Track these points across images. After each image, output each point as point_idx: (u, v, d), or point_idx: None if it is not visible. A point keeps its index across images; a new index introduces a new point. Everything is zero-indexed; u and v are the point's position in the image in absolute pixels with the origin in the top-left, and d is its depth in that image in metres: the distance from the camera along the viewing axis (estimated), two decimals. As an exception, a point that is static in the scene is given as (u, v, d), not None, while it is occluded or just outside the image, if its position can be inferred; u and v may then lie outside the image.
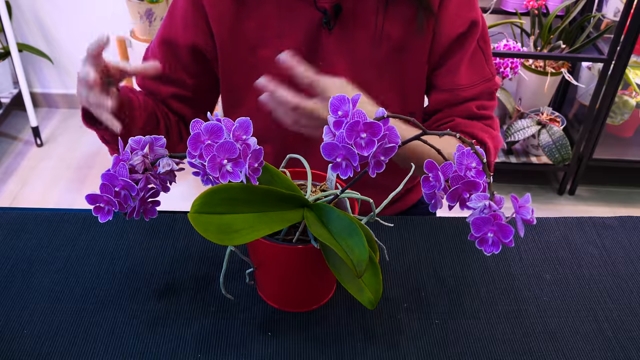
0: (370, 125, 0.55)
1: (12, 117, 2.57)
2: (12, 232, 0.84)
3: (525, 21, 2.16)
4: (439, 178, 0.58)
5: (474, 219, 0.55)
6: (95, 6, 2.38)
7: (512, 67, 2.03)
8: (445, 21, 0.88)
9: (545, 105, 2.24)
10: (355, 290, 0.63)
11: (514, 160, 2.21)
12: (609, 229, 0.90)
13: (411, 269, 0.81)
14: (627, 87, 2.15)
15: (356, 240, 0.60)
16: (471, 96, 0.93)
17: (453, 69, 0.92)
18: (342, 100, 0.56)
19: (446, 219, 0.90)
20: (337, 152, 0.56)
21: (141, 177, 0.61)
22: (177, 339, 0.70)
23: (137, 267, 0.79)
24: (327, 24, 0.86)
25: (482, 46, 0.93)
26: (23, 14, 2.41)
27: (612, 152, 2.24)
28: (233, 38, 0.90)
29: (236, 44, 0.90)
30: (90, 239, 0.83)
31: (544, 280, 0.81)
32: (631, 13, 1.82)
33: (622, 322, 0.75)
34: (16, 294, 0.75)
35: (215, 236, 0.57)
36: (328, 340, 0.70)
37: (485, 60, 0.94)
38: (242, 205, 0.60)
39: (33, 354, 0.67)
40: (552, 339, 0.72)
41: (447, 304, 0.76)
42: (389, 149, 0.57)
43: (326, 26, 0.86)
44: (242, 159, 0.56)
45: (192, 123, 0.57)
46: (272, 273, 0.72)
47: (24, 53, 2.47)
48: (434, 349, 0.70)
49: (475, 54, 0.93)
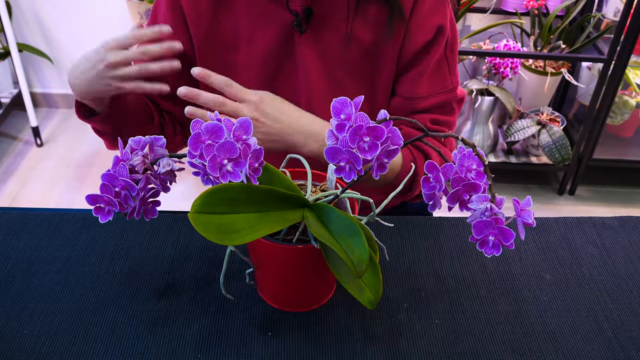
0: (374, 129, 0.55)
1: (12, 117, 2.57)
2: (12, 232, 0.84)
3: (525, 21, 2.16)
4: (439, 179, 0.58)
5: (476, 221, 0.55)
6: (95, 6, 2.38)
7: (512, 67, 2.03)
8: (416, 27, 0.87)
9: (545, 105, 2.24)
10: (355, 290, 0.63)
11: (514, 160, 2.21)
12: (609, 229, 0.90)
13: (411, 269, 0.81)
14: (627, 87, 2.15)
15: (356, 241, 0.60)
16: (427, 107, 0.92)
17: (416, 78, 0.91)
18: (344, 104, 0.56)
19: (446, 219, 0.90)
20: (341, 156, 0.56)
21: (141, 177, 0.61)
22: (177, 339, 0.70)
23: (137, 267, 0.79)
24: (299, 26, 0.86)
25: (449, 55, 0.92)
26: (23, 14, 2.41)
27: (612, 152, 2.24)
28: (210, 39, 0.90)
29: (212, 45, 0.90)
30: (90, 239, 0.83)
31: (544, 280, 0.81)
32: (631, 13, 1.82)
33: (622, 322, 0.75)
34: (16, 294, 0.75)
35: (215, 236, 0.57)
36: (328, 340, 0.70)
37: (449, 70, 0.92)
38: (242, 205, 0.60)
39: (33, 354, 0.67)
40: (552, 339, 0.72)
41: (447, 304, 0.76)
42: (392, 151, 0.57)
43: (297, 29, 0.86)
44: (242, 159, 0.56)
45: (192, 123, 0.57)
46: (272, 273, 0.72)
47: (24, 53, 2.47)
48: (434, 349, 0.70)
49: (440, 63, 0.91)
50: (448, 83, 0.92)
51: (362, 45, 0.89)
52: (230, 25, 0.89)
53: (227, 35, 0.89)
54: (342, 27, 0.87)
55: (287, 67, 0.90)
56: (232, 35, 0.89)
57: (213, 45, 0.90)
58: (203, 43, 0.90)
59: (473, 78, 2.12)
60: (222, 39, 0.90)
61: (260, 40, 0.88)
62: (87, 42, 2.50)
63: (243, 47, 0.90)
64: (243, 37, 0.89)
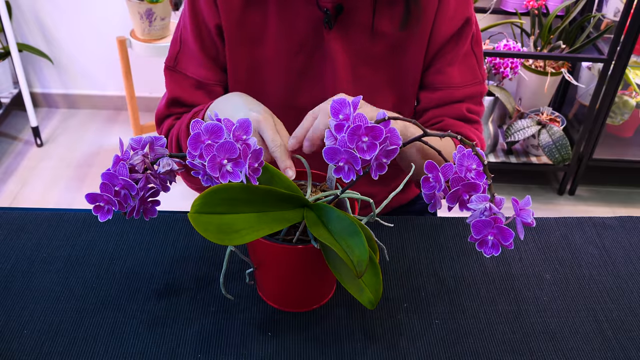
0: (372, 129, 0.55)
1: (12, 117, 2.57)
2: (12, 232, 0.84)
3: (525, 21, 2.16)
4: (439, 179, 0.58)
5: (474, 221, 0.55)
6: (95, 6, 2.38)
7: (512, 67, 2.03)
8: (443, 20, 0.89)
9: (545, 105, 2.24)
10: (356, 290, 0.63)
11: (514, 160, 2.21)
12: (609, 229, 0.90)
13: (411, 269, 0.81)
14: (627, 87, 2.15)
15: (356, 241, 0.60)
16: (463, 97, 0.93)
17: (446, 68, 0.92)
18: (343, 104, 0.56)
19: (446, 219, 0.90)
20: (339, 156, 0.56)
21: (141, 177, 0.61)
22: (177, 339, 0.70)
23: (137, 267, 0.79)
24: (328, 23, 0.86)
25: (475, 49, 0.94)
26: (23, 14, 2.41)
27: (612, 152, 2.24)
28: (239, 30, 0.90)
29: (241, 36, 0.90)
30: (90, 239, 0.83)
31: (544, 280, 0.81)
32: (631, 13, 1.82)
33: (622, 322, 0.75)
34: (16, 294, 0.75)
35: (215, 236, 0.57)
36: (328, 340, 0.70)
37: (477, 62, 0.94)
38: (242, 206, 0.60)
39: (33, 354, 0.67)
40: (552, 339, 0.72)
41: (447, 304, 0.76)
42: (391, 151, 0.57)
43: (327, 25, 0.87)
44: (242, 159, 0.56)
45: (192, 123, 0.57)
46: (272, 273, 0.72)
47: (24, 53, 2.47)
48: (434, 349, 0.70)
49: (468, 55, 0.93)
50: (478, 75, 0.94)
51: (388, 40, 0.89)
52: (259, 19, 0.89)
53: (255, 29, 0.89)
54: (368, 22, 0.88)
55: (315, 62, 0.91)
56: (261, 29, 0.89)
57: (242, 38, 0.90)
58: (233, 32, 0.89)
59: (473, 78, 2.12)
60: (250, 32, 0.90)
61: (289, 35, 0.89)
62: (87, 42, 2.51)
63: (271, 41, 0.90)
64: (271, 31, 0.89)
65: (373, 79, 0.92)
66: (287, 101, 0.93)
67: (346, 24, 0.88)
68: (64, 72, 2.57)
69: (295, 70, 0.91)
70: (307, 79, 0.92)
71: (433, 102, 0.94)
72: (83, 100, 2.64)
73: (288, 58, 0.90)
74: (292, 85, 0.93)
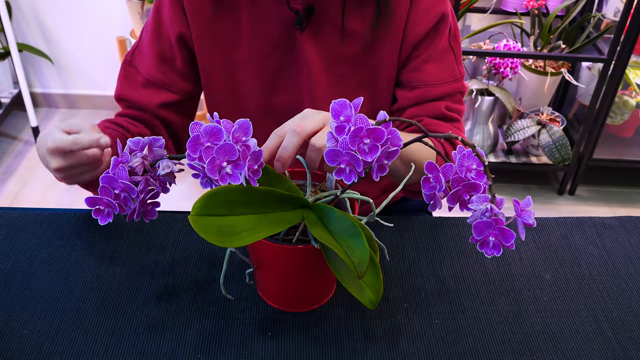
0: (374, 131, 0.55)
1: (12, 117, 2.57)
2: (12, 232, 0.84)
3: (525, 21, 2.16)
4: (439, 179, 0.58)
5: (476, 222, 0.55)
6: (95, 6, 2.38)
7: (512, 67, 2.03)
8: (416, 18, 0.88)
9: (545, 105, 2.24)
10: (356, 290, 0.63)
11: (514, 160, 2.21)
12: (609, 229, 0.90)
13: (411, 269, 0.81)
14: (627, 87, 2.15)
15: (357, 241, 0.60)
16: (441, 94, 0.92)
17: (423, 65, 0.91)
18: (344, 105, 0.56)
19: (446, 219, 0.90)
20: (341, 158, 0.56)
21: (141, 179, 0.61)
22: (177, 339, 0.70)
23: (137, 267, 0.79)
24: (300, 24, 0.87)
25: (453, 45, 0.92)
26: (23, 14, 2.41)
27: (612, 152, 2.24)
28: (211, 34, 0.90)
29: (214, 40, 0.90)
30: (90, 239, 0.83)
31: (544, 280, 0.81)
32: (631, 13, 1.82)
33: (622, 322, 0.75)
34: (16, 294, 0.75)
35: (216, 238, 0.57)
36: (328, 340, 0.70)
37: (455, 59, 0.93)
38: (242, 207, 0.60)
39: (33, 354, 0.67)
40: (552, 339, 0.72)
41: (447, 304, 0.76)
42: (392, 152, 0.57)
43: (299, 26, 0.87)
44: (241, 161, 0.56)
45: (192, 125, 0.57)
46: (272, 273, 0.72)
47: (24, 53, 2.46)
48: (434, 349, 0.70)
49: (445, 51, 0.91)
50: (456, 72, 0.93)
51: (360, 40, 0.89)
52: (232, 22, 0.89)
53: (228, 32, 0.90)
54: (339, 22, 0.88)
55: (289, 64, 0.91)
56: (233, 31, 0.90)
57: (214, 41, 0.90)
58: (204, 38, 0.90)
59: (473, 78, 2.12)
60: (223, 35, 0.90)
61: (261, 37, 0.89)
62: (87, 42, 2.51)
63: (244, 44, 0.90)
64: (244, 33, 0.89)
65: (347, 79, 0.92)
66: (264, 103, 0.94)
67: (318, 25, 0.88)
68: (64, 72, 2.57)
69: (269, 71, 0.91)
70: (282, 81, 0.92)
71: (411, 101, 0.93)
72: (83, 100, 2.64)
73: (261, 60, 0.90)
74: (267, 87, 0.93)
